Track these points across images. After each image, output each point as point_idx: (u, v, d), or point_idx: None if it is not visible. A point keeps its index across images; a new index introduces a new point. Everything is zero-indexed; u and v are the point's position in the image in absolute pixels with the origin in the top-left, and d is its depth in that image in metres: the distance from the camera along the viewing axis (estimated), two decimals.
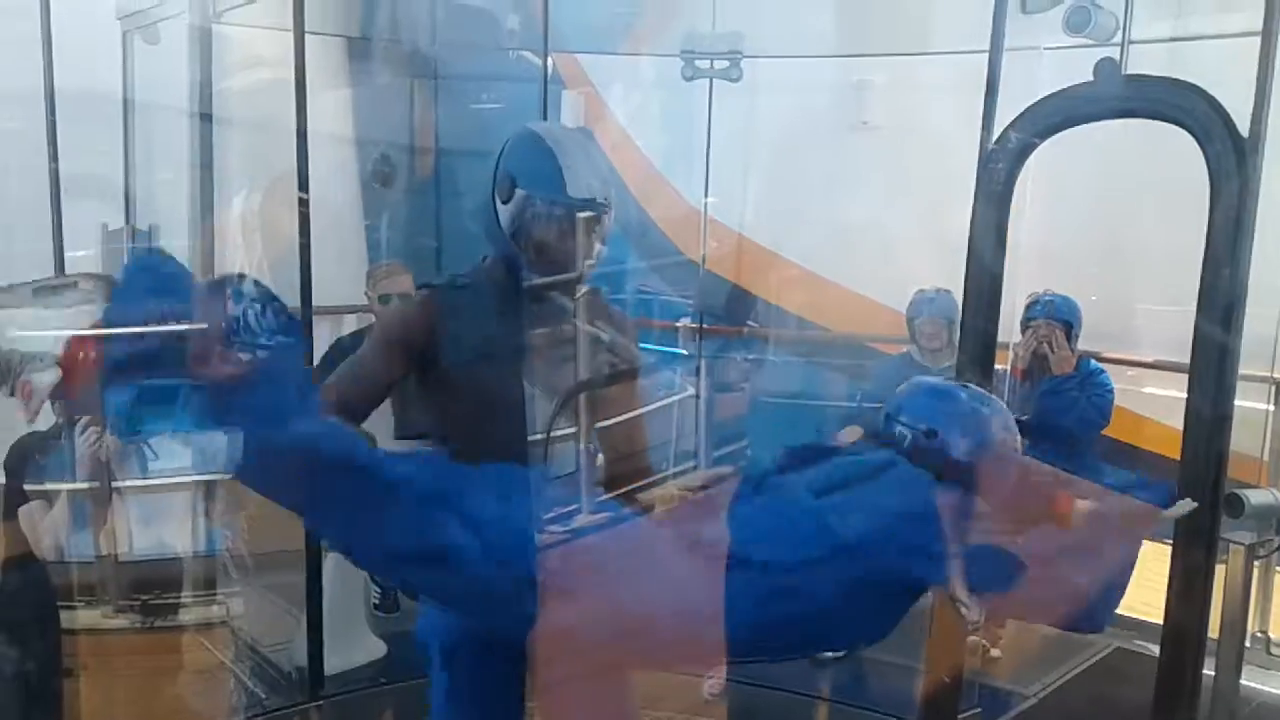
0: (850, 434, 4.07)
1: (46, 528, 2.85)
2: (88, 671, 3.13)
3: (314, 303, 3.33)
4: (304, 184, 3.24)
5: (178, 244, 4.07)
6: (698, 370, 2.12)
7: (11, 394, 1.66)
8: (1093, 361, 4.15)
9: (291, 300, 3.28)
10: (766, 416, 4.43)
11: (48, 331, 1.67)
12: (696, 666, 2.26)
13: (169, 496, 3.63)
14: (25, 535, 2.84)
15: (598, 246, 2.03)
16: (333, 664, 3.45)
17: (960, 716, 3.21)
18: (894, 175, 5.06)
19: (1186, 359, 2.35)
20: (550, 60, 4.32)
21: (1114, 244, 4.75)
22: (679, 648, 1.86)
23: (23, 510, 2.89)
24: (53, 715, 2.79)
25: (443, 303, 2.08)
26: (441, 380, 2.05)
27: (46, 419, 2.98)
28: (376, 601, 4.11)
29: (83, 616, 3.56)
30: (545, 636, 1.75)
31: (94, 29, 4.30)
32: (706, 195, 4.93)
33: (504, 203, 2.04)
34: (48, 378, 1.66)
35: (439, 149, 5.48)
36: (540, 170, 2.01)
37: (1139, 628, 4.08)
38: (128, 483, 2.97)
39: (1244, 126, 2.26)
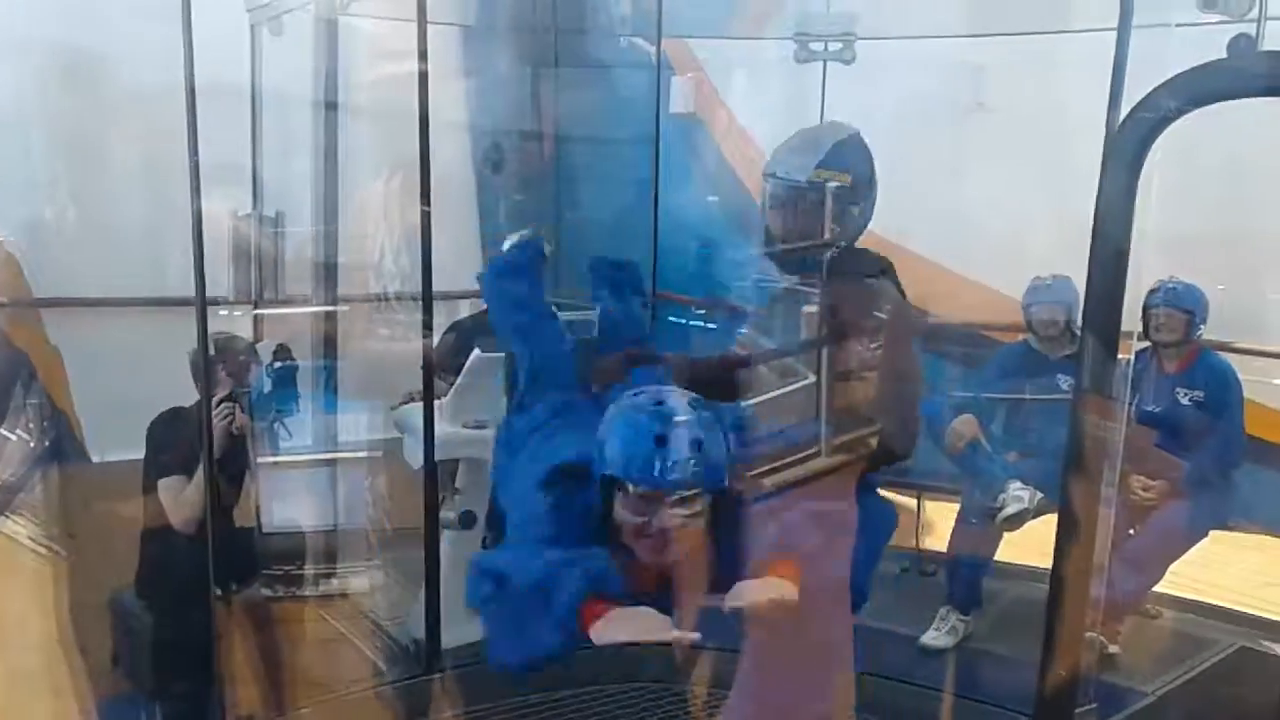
0: (965, 424, 4.04)
1: (184, 501, 2.98)
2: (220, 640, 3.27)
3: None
4: (425, 174, 3.31)
5: (303, 230, 4.22)
6: (819, 358, 2.14)
7: None
8: (1216, 354, 4.02)
9: (413, 285, 3.38)
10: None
11: None
12: None
13: (299, 473, 3.76)
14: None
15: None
16: (449, 638, 3.54)
17: (1077, 712, 3.16)
18: (1014, 159, 4.94)
19: None
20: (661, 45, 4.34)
21: (1245, 229, 4.57)
22: None
23: (162, 483, 3.03)
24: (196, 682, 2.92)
25: None
26: None
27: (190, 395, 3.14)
28: None
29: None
30: None
31: (224, 24, 4.47)
32: None
33: None
34: None
35: (555, 135, 5.55)
36: None
37: (1265, 626, 3.95)
38: (262, 460, 3.09)
39: None
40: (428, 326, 3.38)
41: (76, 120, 4.79)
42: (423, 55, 3.23)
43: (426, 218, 3.30)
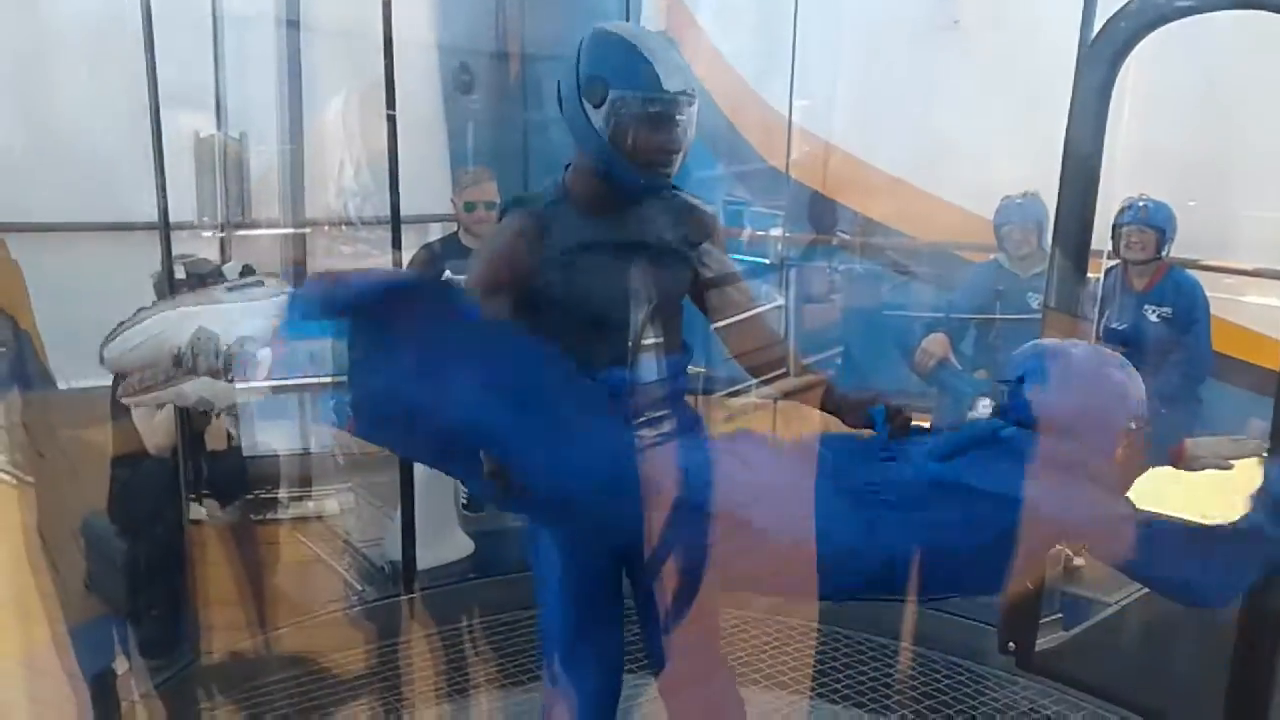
0: (935, 342, 4.06)
1: (158, 425, 2.96)
2: (193, 563, 3.28)
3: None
4: (391, 93, 3.25)
5: (267, 150, 4.15)
6: (784, 280, 2.12)
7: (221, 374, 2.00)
8: (1184, 272, 4.04)
9: (381, 207, 3.34)
10: (854, 325, 4.40)
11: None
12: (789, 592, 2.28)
13: (272, 398, 3.74)
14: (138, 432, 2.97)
15: (686, 144, 2.03)
16: (424, 559, 3.57)
17: (1041, 622, 3.23)
18: (986, 77, 4.91)
19: None
20: None
21: (1214, 147, 4.57)
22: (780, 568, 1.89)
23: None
24: (171, 605, 2.93)
25: (539, 218, 2.06)
26: (544, 295, 2.06)
27: None
28: (465, 502, 4.24)
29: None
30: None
31: None
32: (792, 99, 4.84)
33: (596, 107, 1.98)
34: (264, 355, 1.97)
35: (522, 54, 5.45)
36: (632, 69, 1.96)
37: None
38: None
39: None
40: (396, 247, 3.35)
41: (36, 42, 4.66)
42: None
43: (393, 138, 3.24)
